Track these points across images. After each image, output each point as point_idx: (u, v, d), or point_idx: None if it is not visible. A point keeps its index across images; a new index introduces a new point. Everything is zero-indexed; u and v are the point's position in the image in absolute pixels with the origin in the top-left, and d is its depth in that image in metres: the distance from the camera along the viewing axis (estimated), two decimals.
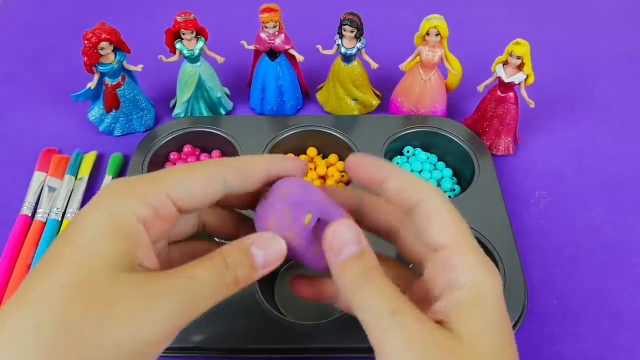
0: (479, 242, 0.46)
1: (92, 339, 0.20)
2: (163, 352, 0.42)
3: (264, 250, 0.25)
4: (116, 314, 0.20)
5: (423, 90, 0.57)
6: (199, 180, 0.24)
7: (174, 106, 0.61)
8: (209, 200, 0.25)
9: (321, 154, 0.57)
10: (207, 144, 0.57)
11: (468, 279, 0.23)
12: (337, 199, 0.28)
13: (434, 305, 0.24)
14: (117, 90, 0.56)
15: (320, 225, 0.26)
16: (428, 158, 0.56)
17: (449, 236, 0.24)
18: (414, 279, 0.28)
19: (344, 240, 0.24)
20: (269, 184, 0.28)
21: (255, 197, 0.28)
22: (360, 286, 0.23)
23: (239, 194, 0.26)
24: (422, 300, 0.25)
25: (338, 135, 0.55)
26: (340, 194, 0.28)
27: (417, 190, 0.25)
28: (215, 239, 0.34)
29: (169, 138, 0.55)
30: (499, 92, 0.54)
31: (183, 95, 0.58)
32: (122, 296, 0.21)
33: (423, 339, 0.22)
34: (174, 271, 0.23)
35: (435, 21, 0.53)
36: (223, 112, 0.61)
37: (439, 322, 0.23)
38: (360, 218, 0.29)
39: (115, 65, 0.54)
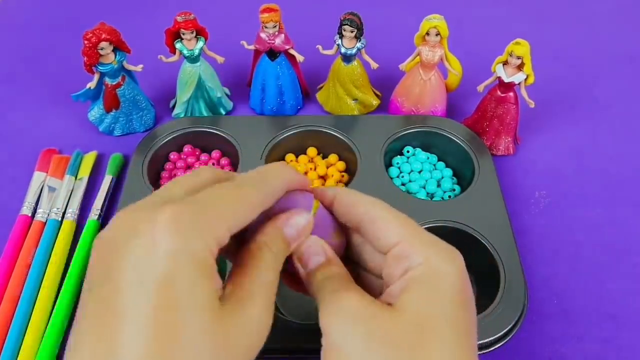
0: (479, 242, 0.46)
1: None
2: None
3: (296, 228, 0.27)
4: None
5: (423, 90, 0.57)
6: (248, 212, 0.25)
7: (174, 106, 0.61)
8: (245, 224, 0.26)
9: (321, 154, 0.57)
10: (207, 144, 0.57)
11: (420, 260, 0.25)
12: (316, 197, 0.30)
13: (386, 290, 0.26)
14: (117, 90, 0.56)
15: None
16: (428, 158, 0.56)
17: (397, 234, 0.26)
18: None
19: (312, 251, 0.27)
20: None
21: None
22: (323, 287, 0.26)
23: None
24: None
25: (338, 135, 0.55)
26: (317, 194, 0.30)
27: (357, 206, 0.27)
28: None
29: (169, 138, 0.55)
30: (499, 92, 0.54)
31: (183, 95, 0.58)
32: (199, 344, 0.21)
33: (359, 311, 0.24)
34: (252, 293, 0.24)
35: (435, 21, 0.53)
36: (223, 112, 0.61)
37: (389, 305, 0.25)
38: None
39: (115, 65, 0.54)
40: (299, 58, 0.58)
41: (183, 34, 0.54)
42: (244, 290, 0.23)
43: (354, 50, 0.56)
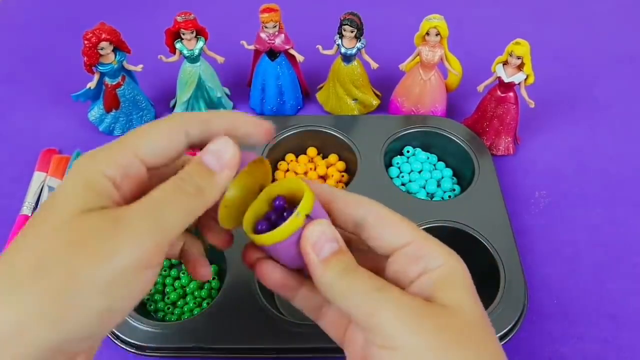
0: (479, 242, 0.46)
1: (77, 276, 0.21)
2: (163, 353, 0.42)
3: (216, 155, 0.25)
4: (89, 247, 0.21)
5: (423, 90, 0.57)
6: (162, 135, 0.25)
7: (174, 106, 0.61)
8: (174, 154, 0.25)
9: (321, 154, 0.57)
10: (207, 143, 0.57)
11: (440, 262, 0.25)
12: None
13: (410, 287, 0.26)
14: (117, 90, 0.56)
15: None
16: (428, 158, 0.56)
17: (408, 235, 0.26)
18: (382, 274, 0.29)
19: (323, 238, 0.25)
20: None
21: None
22: (342, 277, 0.24)
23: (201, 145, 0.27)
24: None
25: (338, 135, 0.55)
26: (316, 190, 0.29)
27: (360, 205, 0.27)
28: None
29: None
30: (499, 92, 0.54)
31: (183, 95, 0.58)
32: (93, 229, 0.22)
33: (413, 306, 0.24)
34: (136, 201, 0.24)
35: (435, 21, 0.53)
36: None
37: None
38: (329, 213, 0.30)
39: (115, 65, 0.54)
40: (299, 58, 0.58)
41: (183, 34, 0.54)
42: (125, 209, 0.23)
43: (354, 50, 0.56)
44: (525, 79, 0.52)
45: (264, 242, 0.25)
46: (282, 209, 0.27)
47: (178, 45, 0.55)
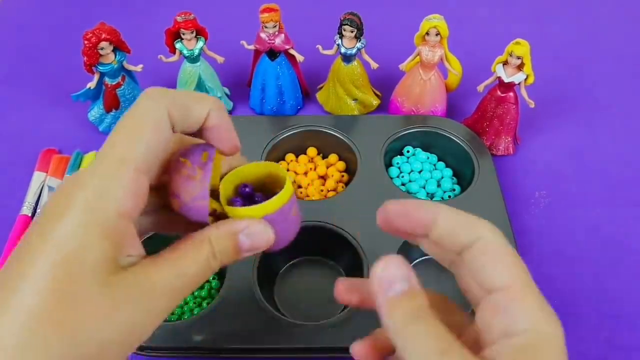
0: None
1: (64, 340, 0.20)
2: (163, 353, 0.42)
3: (252, 239, 0.25)
4: (80, 318, 0.20)
5: (423, 90, 0.57)
6: (152, 135, 0.23)
7: None
8: (165, 151, 0.24)
9: (321, 154, 0.57)
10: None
11: (527, 326, 0.21)
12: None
13: (485, 350, 0.22)
14: (117, 90, 0.56)
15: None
16: (428, 158, 0.56)
17: (507, 277, 0.22)
18: (468, 321, 0.26)
19: (393, 276, 0.23)
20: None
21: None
22: (407, 325, 0.22)
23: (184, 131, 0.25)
24: (474, 344, 0.23)
25: (338, 135, 0.55)
26: (410, 213, 0.25)
27: (471, 228, 0.24)
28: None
29: None
30: (499, 92, 0.54)
31: None
32: (91, 302, 0.21)
33: None
34: (163, 267, 0.23)
35: (435, 21, 0.53)
36: None
37: None
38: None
39: (115, 65, 0.54)
40: (299, 58, 0.58)
41: (183, 34, 0.54)
42: (154, 272, 0.22)
43: (354, 50, 0.56)
44: (525, 79, 0.52)
45: (254, 213, 0.25)
46: (249, 195, 0.27)
47: (178, 45, 0.55)
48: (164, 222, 0.28)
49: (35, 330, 0.20)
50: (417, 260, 0.49)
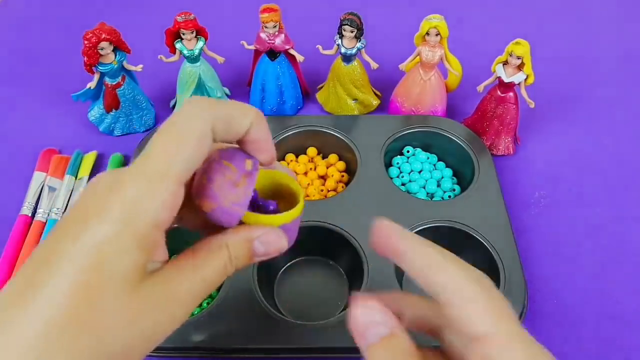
0: (479, 242, 0.46)
1: (88, 345, 0.20)
2: (163, 353, 0.43)
3: (266, 247, 0.25)
4: (107, 322, 0.21)
5: (423, 90, 0.57)
6: (195, 150, 0.23)
7: (174, 106, 0.61)
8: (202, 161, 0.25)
9: (321, 154, 0.57)
10: None
11: None
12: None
13: None
14: (117, 90, 0.56)
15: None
16: (428, 158, 0.56)
17: (489, 323, 0.21)
18: None
19: (371, 320, 0.22)
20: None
21: None
22: None
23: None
24: None
25: (338, 135, 0.55)
26: (380, 239, 0.25)
27: (441, 270, 0.22)
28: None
29: None
30: (499, 92, 0.54)
31: (183, 96, 0.58)
32: (119, 308, 0.21)
33: None
34: (185, 272, 0.23)
35: (435, 21, 0.53)
36: None
37: None
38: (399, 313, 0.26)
39: (115, 65, 0.54)
40: (299, 58, 0.58)
41: (183, 34, 0.54)
42: (178, 279, 0.23)
43: (354, 50, 0.56)
44: (525, 79, 0.52)
45: (274, 222, 0.26)
46: (254, 200, 0.27)
47: (178, 45, 0.55)
48: (184, 218, 0.28)
49: (63, 327, 0.20)
50: None
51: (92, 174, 0.55)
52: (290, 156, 0.56)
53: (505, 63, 0.53)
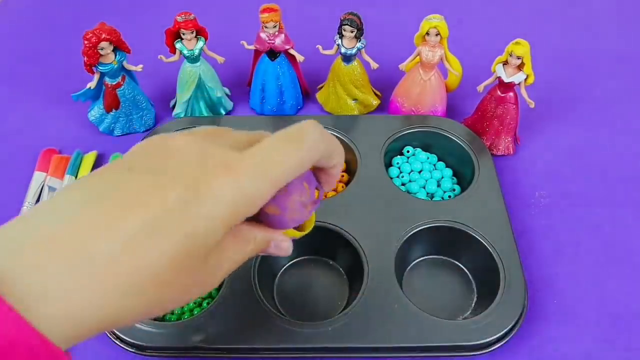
0: (479, 242, 0.46)
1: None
2: (163, 352, 0.43)
3: (278, 250, 0.31)
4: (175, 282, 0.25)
5: (423, 91, 0.57)
6: (299, 172, 0.28)
7: (174, 106, 0.61)
8: None
9: None
10: None
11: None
12: None
13: None
14: (117, 90, 0.56)
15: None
16: (428, 158, 0.56)
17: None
18: None
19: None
20: None
21: None
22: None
23: None
24: None
25: (338, 135, 0.55)
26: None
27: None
28: None
29: None
30: (499, 92, 0.54)
31: (183, 95, 0.58)
32: (192, 276, 0.25)
33: None
34: (227, 252, 0.28)
35: (435, 21, 0.53)
36: (223, 112, 0.61)
37: None
38: None
39: (115, 65, 0.54)
40: (299, 58, 0.58)
41: (183, 34, 0.54)
42: (224, 257, 0.27)
43: (354, 50, 0.56)
44: (525, 79, 0.52)
45: (293, 234, 0.32)
46: None
47: (178, 45, 0.55)
48: None
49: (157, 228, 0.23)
50: (417, 260, 0.49)
51: None
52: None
53: (505, 63, 0.53)
